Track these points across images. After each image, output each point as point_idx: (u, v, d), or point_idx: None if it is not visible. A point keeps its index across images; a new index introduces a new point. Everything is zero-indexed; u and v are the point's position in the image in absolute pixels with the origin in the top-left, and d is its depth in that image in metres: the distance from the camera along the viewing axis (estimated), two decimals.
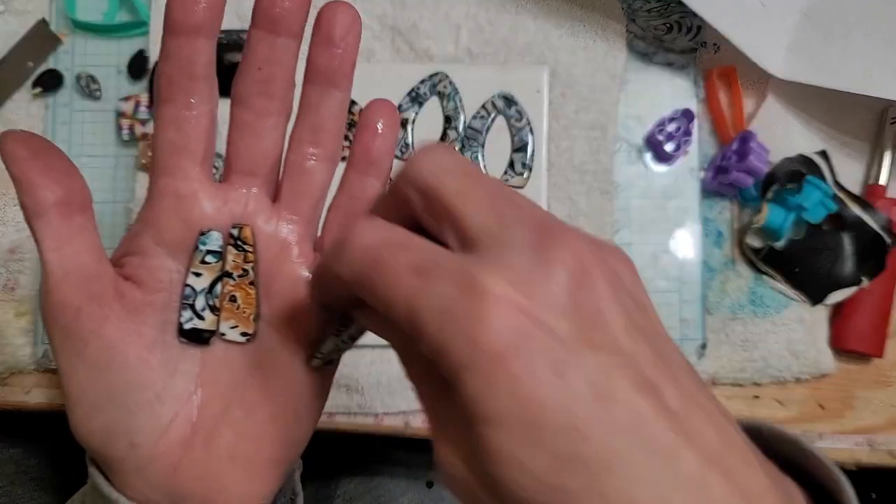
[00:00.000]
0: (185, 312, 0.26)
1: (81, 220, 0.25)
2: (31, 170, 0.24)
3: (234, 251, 0.26)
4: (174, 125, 0.25)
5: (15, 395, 0.47)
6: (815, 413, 0.46)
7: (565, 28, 0.47)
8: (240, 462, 0.26)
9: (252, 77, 0.26)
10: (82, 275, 0.24)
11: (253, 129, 0.26)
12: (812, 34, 0.45)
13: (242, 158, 0.26)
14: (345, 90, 0.27)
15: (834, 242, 0.45)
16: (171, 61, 0.25)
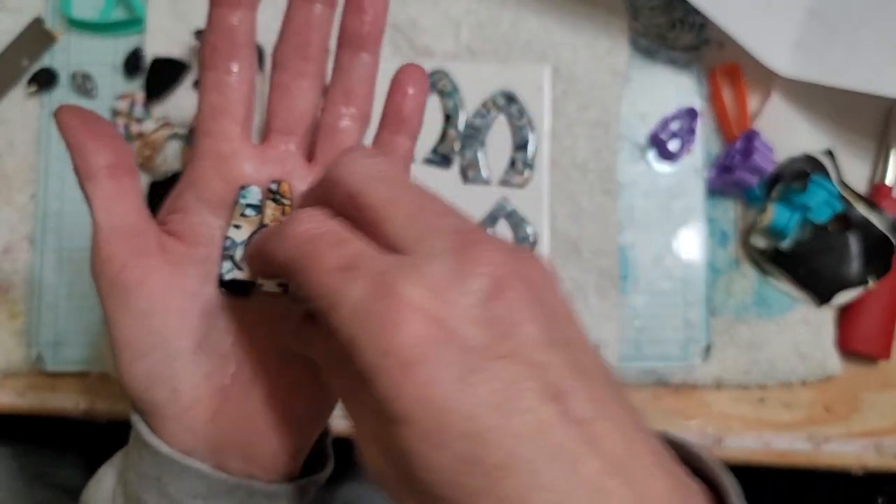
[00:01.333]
0: (226, 263, 0.27)
1: (128, 182, 0.27)
2: (84, 136, 0.26)
3: (273, 204, 0.27)
4: (217, 89, 0.27)
5: (8, 397, 0.46)
6: (821, 416, 0.45)
7: (567, 25, 0.46)
8: (277, 412, 0.27)
9: (290, 42, 0.28)
10: (128, 231, 0.26)
11: (290, 90, 0.28)
12: (818, 31, 0.44)
13: (280, 118, 0.28)
14: (374, 54, 0.28)
15: (840, 243, 0.45)
16: (214, 30, 0.27)
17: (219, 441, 0.27)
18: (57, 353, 0.46)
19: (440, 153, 0.45)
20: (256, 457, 0.27)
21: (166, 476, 0.27)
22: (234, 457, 0.27)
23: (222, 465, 0.27)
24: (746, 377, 0.45)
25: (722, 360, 0.45)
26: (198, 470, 0.27)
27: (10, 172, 0.47)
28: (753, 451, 0.45)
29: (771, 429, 0.45)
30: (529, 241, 0.44)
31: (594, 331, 0.44)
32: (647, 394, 0.45)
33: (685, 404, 0.45)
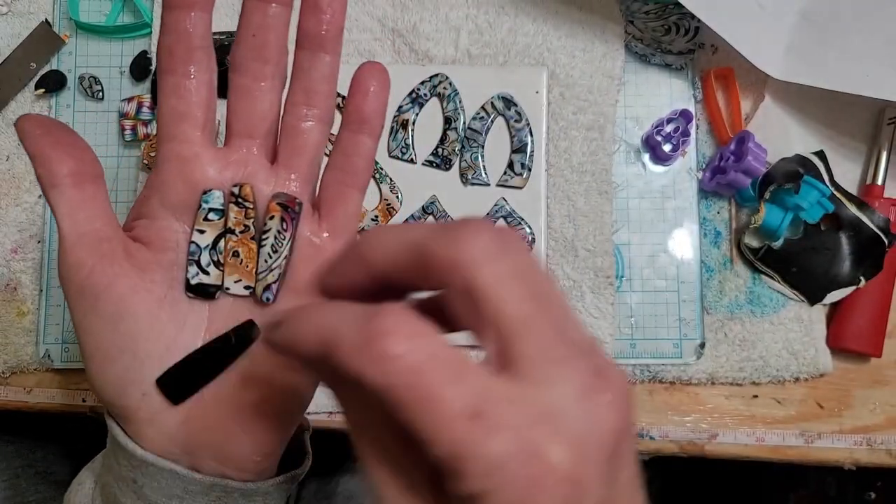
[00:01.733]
0: (191, 268, 0.28)
1: (93, 189, 0.27)
2: (45, 145, 0.26)
3: (236, 208, 0.28)
4: (175, 93, 0.27)
5: (16, 394, 0.47)
6: (813, 412, 0.46)
7: (564, 30, 0.47)
8: (247, 411, 0.27)
9: (247, 44, 0.27)
10: (94, 237, 0.26)
11: (250, 92, 0.28)
12: (809, 35, 0.45)
13: (241, 121, 0.28)
14: (334, 54, 0.28)
15: (831, 242, 0.45)
16: (169, 34, 0.27)
17: (192, 443, 0.27)
18: (64, 351, 0.47)
19: (440, 155, 0.46)
20: (230, 457, 0.28)
21: (142, 478, 0.27)
22: (208, 458, 0.27)
23: (197, 466, 0.27)
24: (740, 374, 0.46)
25: (715, 358, 0.46)
26: (172, 471, 0.27)
27: (19, 174, 0.48)
28: (746, 446, 0.45)
29: (764, 425, 0.46)
30: (527, 240, 0.45)
31: (590, 328, 0.45)
32: (642, 390, 0.46)
33: (679, 400, 0.46)
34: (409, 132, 0.46)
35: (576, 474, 0.17)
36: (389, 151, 0.46)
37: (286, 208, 0.28)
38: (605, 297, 0.45)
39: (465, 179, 0.46)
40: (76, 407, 0.47)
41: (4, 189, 0.47)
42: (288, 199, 0.28)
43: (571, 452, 0.17)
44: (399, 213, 0.46)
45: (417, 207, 0.46)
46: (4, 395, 0.47)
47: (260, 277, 0.28)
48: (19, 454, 0.54)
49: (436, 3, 0.47)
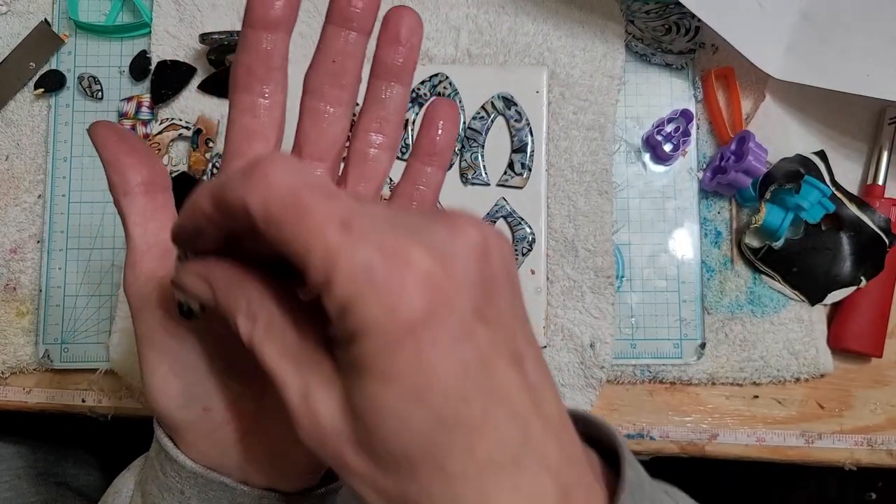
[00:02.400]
0: None
1: (163, 199, 0.27)
2: (120, 152, 0.26)
3: None
4: (250, 112, 0.27)
5: (15, 394, 0.47)
6: (814, 412, 0.46)
7: (564, 30, 0.47)
8: None
9: (325, 69, 0.28)
10: (164, 248, 0.26)
11: (323, 117, 0.28)
12: (810, 35, 0.45)
13: (312, 144, 0.28)
14: (407, 85, 0.29)
15: (832, 242, 0.45)
16: (250, 52, 0.27)
17: (246, 458, 0.27)
18: (64, 351, 0.46)
19: None
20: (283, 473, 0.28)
21: (189, 489, 0.27)
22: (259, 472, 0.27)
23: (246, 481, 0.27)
24: (740, 374, 0.46)
25: (716, 358, 0.46)
26: (223, 483, 0.27)
27: (18, 173, 0.48)
28: (747, 446, 0.45)
29: (764, 425, 0.46)
30: (528, 240, 0.45)
31: (590, 328, 0.45)
32: (642, 390, 0.46)
33: (680, 400, 0.46)
34: (409, 132, 0.46)
35: (437, 277, 0.18)
36: None
37: None
38: (605, 297, 0.45)
39: (465, 179, 0.46)
40: (75, 407, 0.47)
41: (4, 189, 0.47)
42: None
43: (433, 258, 0.18)
44: None
45: None
46: (4, 396, 0.47)
47: None
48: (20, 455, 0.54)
49: (436, 3, 0.47)
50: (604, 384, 0.45)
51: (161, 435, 0.27)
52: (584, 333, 0.45)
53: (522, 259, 0.45)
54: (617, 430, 0.27)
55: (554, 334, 0.45)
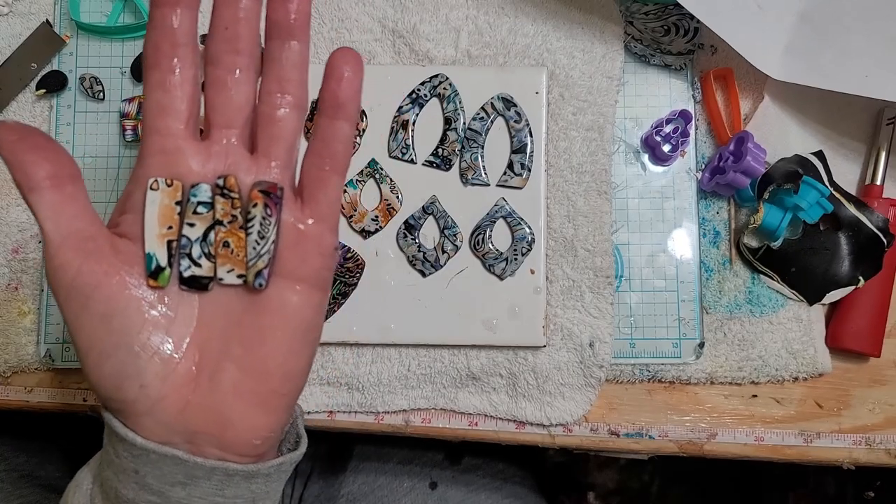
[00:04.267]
0: (184, 261, 0.28)
1: (72, 190, 0.27)
2: (20, 150, 0.26)
3: (222, 200, 0.28)
4: (160, 87, 0.28)
5: (17, 393, 0.47)
6: (812, 412, 0.46)
7: (564, 31, 0.47)
8: (244, 396, 0.28)
9: (220, 37, 0.28)
10: (78, 237, 0.27)
11: (226, 84, 0.28)
12: (808, 36, 0.45)
13: (219, 112, 0.29)
14: (303, 42, 0.29)
15: (830, 242, 0.46)
16: (156, 30, 0.27)
17: (192, 430, 0.28)
18: (66, 350, 0.47)
19: (440, 156, 0.46)
20: (230, 442, 0.28)
21: (144, 467, 0.28)
22: (208, 444, 0.28)
23: (197, 453, 0.28)
24: (739, 374, 0.46)
25: (715, 357, 0.46)
26: (175, 456, 0.27)
27: None
28: (745, 445, 0.46)
29: (763, 424, 0.46)
30: (527, 240, 0.45)
31: (589, 328, 0.45)
32: (641, 389, 0.46)
33: (678, 400, 0.46)
34: (410, 133, 0.46)
35: None
36: (390, 152, 0.46)
37: (268, 194, 0.28)
38: (604, 297, 0.45)
39: (465, 180, 0.46)
40: (77, 406, 0.47)
41: (5, 189, 0.48)
42: (269, 185, 0.28)
43: None
44: (399, 213, 0.46)
45: (417, 207, 0.46)
46: (5, 395, 0.47)
47: (250, 264, 0.28)
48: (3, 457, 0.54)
49: (436, 4, 0.47)
50: (603, 383, 0.46)
51: (110, 417, 0.28)
52: (584, 333, 0.45)
53: (522, 259, 0.45)
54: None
55: (553, 334, 0.45)
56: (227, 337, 0.28)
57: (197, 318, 0.28)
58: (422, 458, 0.57)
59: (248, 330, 0.28)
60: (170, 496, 0.28)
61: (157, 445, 0.27)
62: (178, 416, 0.28)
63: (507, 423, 0.46)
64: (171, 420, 0.28)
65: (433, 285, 0.46)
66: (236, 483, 0.29)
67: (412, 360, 0.46)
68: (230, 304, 0.29)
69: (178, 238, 0.28)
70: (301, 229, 0.29)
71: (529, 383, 0.45)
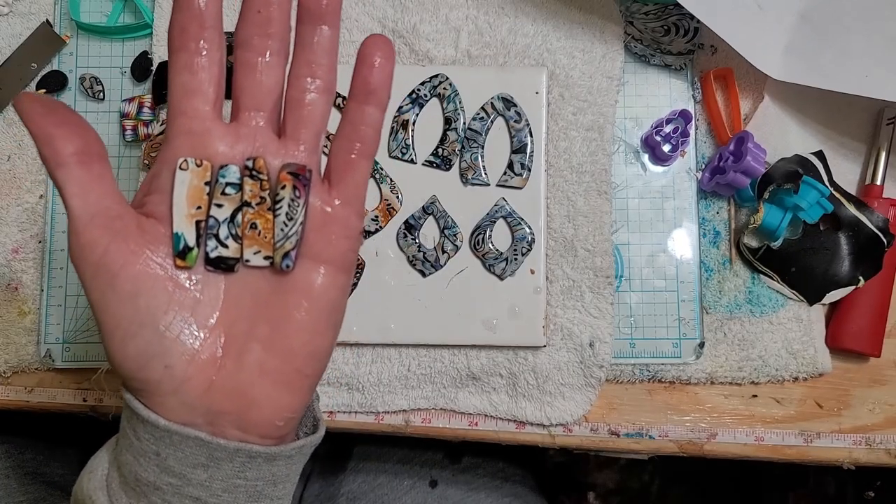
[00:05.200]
0: (210, 242, 0.28)
1: (100, 168, 0.27)
2: (49, 124, 0.26)
3: (251, 181, 0.28)
4: (187, 69, 0.28)
5: (17, 393, 0.47)
6: (812, 412, 0.46)
7: (564, 31, 0.47)
8: (269, 375, 0.28)
9: (252, 20, 0.28)
10: (106, 216, 0.27)
11: (255, 67, 0.28)
12: (808, 36, 0.45)
13: (247, 95, 0.29)
14: (334, 27, 0.29)
15: (830, 242, 0.46)
16: (183, 11, 0.27)
17: (214, 411, 0.28)
18: (66, 350, 0.47)
19: (440, 155, 0.46)
20: (253, 423, 0.28)
21: (165, 449, 0.28)
22: (231, 425, 0.28)
23: (219, 435, 0.28)
24: (739, 374, 0.46)
25: (715, 357, 0.46)
26: (197, 437, 0.27)
27: (20, 174, 0.48)
28: (745, 445, 0.46)
29: (763, 424, 0.46)
30: (527, 240, 0.45)
31: (589, 328, 0.45)
32: (642, 389, 0.46)
33: (679, 400, 0.46)
34: (410, 132, 0.46)
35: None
36: (390, 152, 0.46)
37: (297, 176, 0.28)
38: (604, 297, 0.45)
39: (465, 179, 0.46)
40: (77, 406, 0.47)
41: (5, 189, 0.48)
42: (298, 167, 0.28)
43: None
44: (399, 213, 0.46)
45: (418, 207, 0.46)
46: (6, 395, 0.47)
47: (277, 246, 0.28)
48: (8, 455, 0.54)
49: (436, 4, 0.47)
50: (603, 383, 0.46)
51: (131, 399, 0.28)
52: (584, 333, 0.45)
53: (522, 259, 0.45)
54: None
55: (553, 334, 0.45)
56: (253, 317, 0.28)
57: (223, 300, 0.28)
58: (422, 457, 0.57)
59: (274, 310, 0.28)
60: (191, 478, 0.28)
61: (180, 427, 0.27)
62: (203, 396, 0.28)
63: (508, 423, 0.46)
64: (194, 401, 0.28)
65: (433, 285, 0.46)
66: (258, 465, 0.29)
67: (412, 360, 0.46)
68: (256, 285, 0.29)
69: (206, 218, 0.28)
70: (328, 212, 0.29)
71: (529, 383, 0.45)
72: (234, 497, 0.29)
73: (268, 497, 0.30)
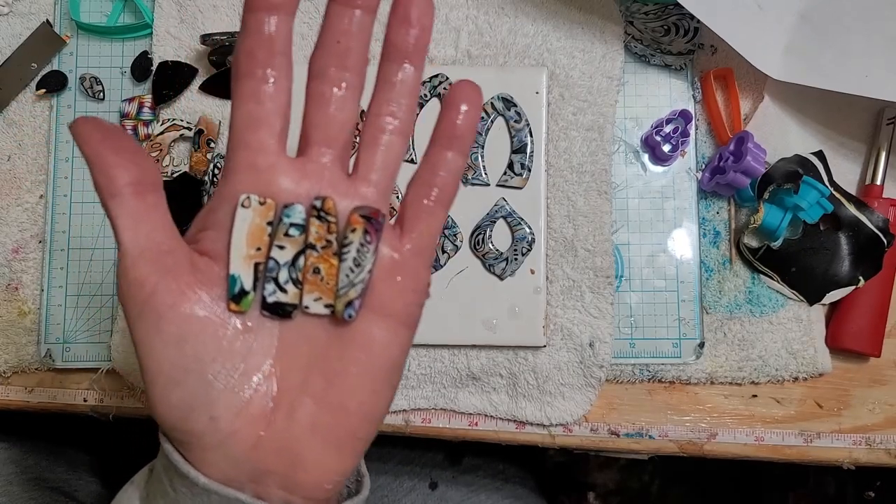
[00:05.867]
0: (269, 286, 0.26)
1: (154, 199, 0.25)
2: (106, 150, 0.24)
3: (318, 222, 0.26)
4: (253, 98, 0.26)
5: (17, 393, 0.47)
6: (812, 412, 0.46)
7: (563, 30, 0.47)
8: (320, 433, 0.26)
9: (330, 50, 0.26)
10: (157, 251, 0.25)
11: (329, 100, 0.27)
12: (808, 36, 0.45)
13: (319, 130, 0.27)
14: (419, 68, 0.27)
15: (830, 242, 0.46)
16: (252, 36, 0.25)
17: (261, 469, 0.26)
18: (66, 350, 0.47)
19: None
20: (299, 485, 0.26)
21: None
22: (276, 484, 0.26)
23: (262, 495, 0.26)
24: (739, 374, 0.46)
25: (715, 357, 0.46)
26: (238, 500, 0.26)
27: (20, 173, 0.48)
28: (745, 445, 0.46)
29: (763, 424, 0.46)
30: (527, 240, 0.45)
31: (589, 328, 0.45)
32: (642, 389, 0.46)
33: (679, 400, 0.46)
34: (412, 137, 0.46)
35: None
36: None
37: (370, 220, 0.26)
38: (604, 297, 0.45)
39: (464, 179, 0.46)
40: (77, 407, 0.47)
41: (6, 189, 0.48)
42: (371, 210, 0.26)
43: None
44: None
45: None
46: (6, 395, 0.47)
47: (341, 294, 0.26)
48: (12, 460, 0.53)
49: (436, 4, 0.47)
50: (603, 383, 0.46)
51: (170, 449, 0.26)
52: (584, 333, 0.45)
53: (522, 259, 0.45)
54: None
55: (553, 334, 0.45)
56: (309, 369, 0.26)
57: (276, 348, 0.26)
58: (422, 458, 0.57)
59: (331, 363, 0.26)
60: None
61: (220, 486, 0.25)
62: (249, 452, 0.26)
63: (508, 423, 0.46)
64: (240, 456, 0.26)
65: (433, 285, 0.46)
66: None
67: (412, 359, 0.46)
68: (313, 335, 0.27)
69: (266, 261, 0.26)
70: (397, 259, 0.27)
71: (529, 383, 0.45)
72: None
73: None
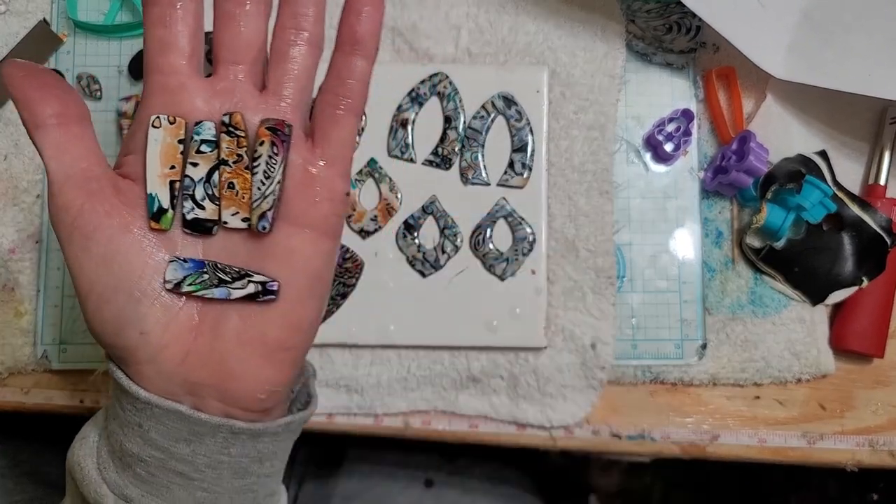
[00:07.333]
0: (187, 203, 0.27)
1: (78, 130, 0.27)
2: (29, 87, 0.26)
3: (228, 138, 0.27)
4: (161, 23, 0.27)
5: (14, 395, 0.47)
6: (816, 413, 0.46)
7: (565, 29, 0.47)
8: (248, 346, 0.27)
9: None
10: (81, 177, 0.26)
11: (235, 18, 0.27)
12: (811, 34, 0.45)
13: (226, 48, 0.27)
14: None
15: (833, 242, 0.45)
16: None
17: (194, 381, 0.27)
18: (62, 351, 0.46)
19: (440, 154, 0.46)
20: (233, 395, 0.27)
21: (148, 422, 0.27)
22: (212, 397, 0.27)
23: (201, 407, 0.27)
24: (742, 375, 0.45)
25: (717, 358, 0.45)
26: (177, 411, 0.27)
27: (17, 173, 0.47)
28: (748, 447, 0.45)
29: (766, 426, 0.46)
30: (528, 240, 0.45)
31: (591, 329, 0.45)
32: (644, 391, 0.46)
33: (681, 401, 0.46)
34: (409, 131, 0.46)
35: None
36: (389, 151, 0.46)
37: (275, 132, 0.27)
38: (606, 298, 0.45)
39: (465, 179, 0.46)
40: (74, 408, 0.47)
41: (2, 189, 0.47)
42: (276, 122, 0.27)
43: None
44: (398, 213, 0.46)
45: (417, 207, 0.46)
46: (2, 397, 0.47)
47: (254, 206, 0.27)
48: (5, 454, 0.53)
49: (436, 2, 0.47)
50: (605, 385, 0.45)
51: (113, 368, 0.28)
52: (585, 334, 0.45)
53: (523, 259, 0.45)
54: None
55: (555, 335, 0.45)
56: None
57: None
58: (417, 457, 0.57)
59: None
60: (174, 452, 0.27)
61: (160, 399, 0.27)
62: (180, 365, 0.27)
63: (508, 426, 0.46)
64: (172, 370, 0.27)
65: (433, 286, 0.45)
66: (242, 442, 0.28)
67: (412, 361, 0.45)
68: (235, 250, 0.28)
69: (181, 178, 0.27)
70: (312, 172, 0.28)
71: (530, 385, 0.45)
72: (219, 474, 0.28)
73: (254, 474, 0.29)
